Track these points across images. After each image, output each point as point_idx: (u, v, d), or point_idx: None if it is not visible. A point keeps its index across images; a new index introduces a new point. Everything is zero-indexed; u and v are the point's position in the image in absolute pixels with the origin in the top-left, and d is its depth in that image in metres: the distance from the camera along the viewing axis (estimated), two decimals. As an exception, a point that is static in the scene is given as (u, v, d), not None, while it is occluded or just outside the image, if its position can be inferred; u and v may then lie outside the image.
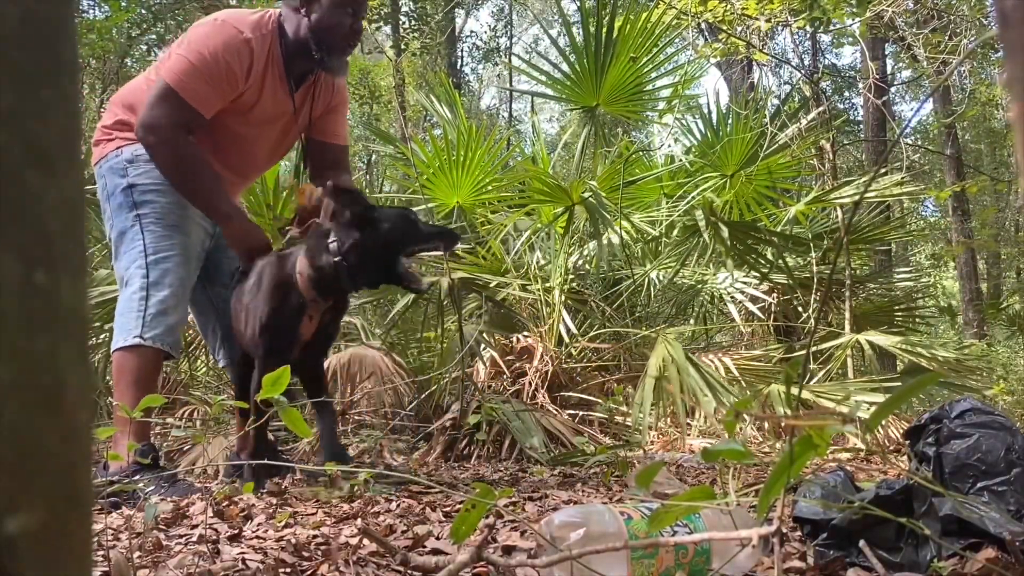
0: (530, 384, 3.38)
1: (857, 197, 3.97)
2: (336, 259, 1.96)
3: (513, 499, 1.77)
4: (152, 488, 1.86)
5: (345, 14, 2.16)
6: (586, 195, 3.69)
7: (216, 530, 1.38)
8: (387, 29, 11.14)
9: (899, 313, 4.73)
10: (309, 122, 2.34)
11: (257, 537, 1.36)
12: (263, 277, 2.07)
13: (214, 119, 2.13)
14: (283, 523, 1.48)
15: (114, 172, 2.13)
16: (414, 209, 4.06)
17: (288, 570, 1.14)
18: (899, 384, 3.65)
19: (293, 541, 1.28)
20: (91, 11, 8.47)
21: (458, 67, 12.81)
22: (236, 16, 2.18)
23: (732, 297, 4.20)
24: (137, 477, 1.90)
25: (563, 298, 3.67)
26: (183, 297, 2.14)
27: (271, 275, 2.05)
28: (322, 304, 2.07)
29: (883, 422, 3.22)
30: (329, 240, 1.99)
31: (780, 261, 4.20)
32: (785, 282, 4.39)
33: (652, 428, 3.46)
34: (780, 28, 5.50)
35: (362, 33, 2.28)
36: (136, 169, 2.12)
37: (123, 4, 7.38)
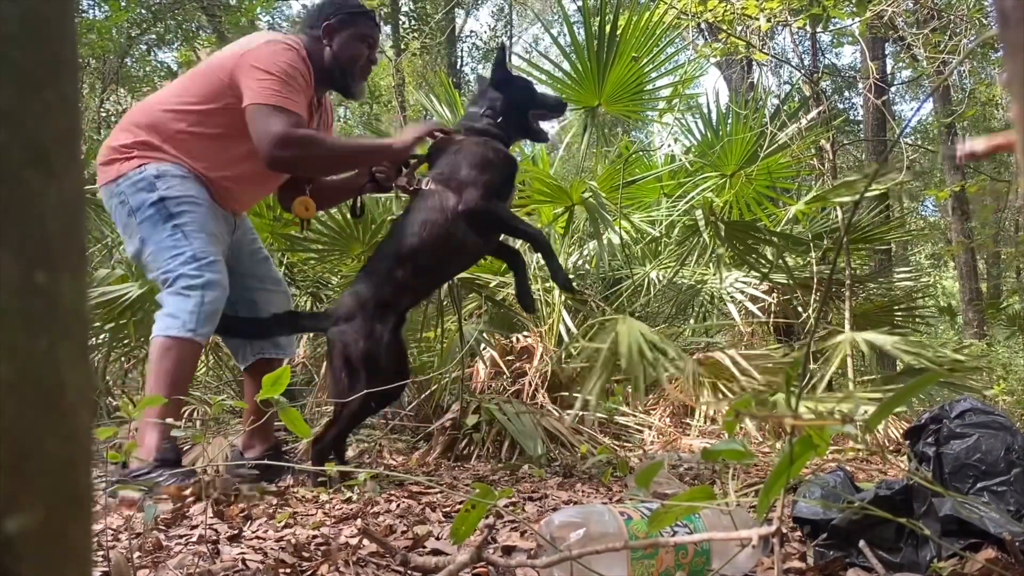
0: (530, 384, 3.38)
1: (856, 196, 3.97)
2: (491, 120, 2.36)
3: (513, 499, 1.77)
4: (163, 477, 1.88)
5: (364, 46, 2.37)
6: (586, 195, 3.69)
7: (216, 530, 1.38)
8: (387, 29, 11.13)
9: (899, 313, 4.73)
10: None
11: (257, 537, 1.36)
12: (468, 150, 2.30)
13: (233, 113, 2.19)
14: (283, 523, 1.48)
15: (138, 188, 2.15)
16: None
17: (288, 570, 1.14)
18: (899, 384, 3.65)
19: (293, 541, 1.28)
20: (91, 11, 8.46)
21: (458, 67, 12.80)
22: (282, 35, 2.32)
23: (732, 297, 4.20)
24: (155, 474, 1.91)
25: (563, 298, 3.67)
26: (224, 301, 2.18)
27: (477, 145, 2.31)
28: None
29: (883, 422, 3.22)
30: (479, 110, 2.40)
31: (780, 261, 4.20)
32: (785, 282, 4.39)
33: (651, 428, 3.46)
34: (780, 28, 5.50)
35: (377, 62, 2.49)
36: (165, 183, 2.16)
37: (123, 4, 7.38)
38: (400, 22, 10.62)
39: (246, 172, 2.28)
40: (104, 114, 8.70)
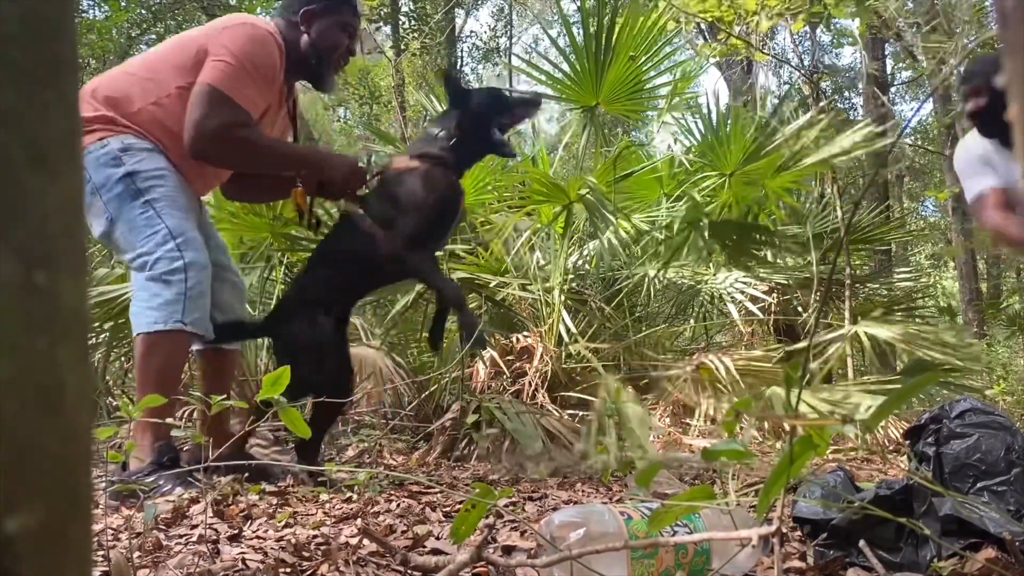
0: (530, 384, 3.38)
1: (857, 198, 3.96)
2: (449, 142, 2.20)
3: (513, 499, 1.77)
4: (169, 487, 1.84)
5: (343, 35, 2.28)
6: (583, 192, 3.69)
7: (216, 530, 1.38)
8: (387, 29, 11.14)
9: (899, 313, 4.73)
10: (287, 131, 2.43)
11: (257, 537, 1.36)
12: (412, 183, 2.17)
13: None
14: (283, 523, 1.48)
15: (102, 164, 2.05)
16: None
17: (288, 570, 1.14)
18: (899, 384, 3.65)
19: (293, 541, 1.28)
20: (91, 11, 8.47)
21: (458, 67, 12.80)
22: (261, 20, 2.23)
23: (732, 297, 4.20)
24: (154, 477, 1.86)
25: (563, 298, 3.67)
26: (209, 281, 2.10)
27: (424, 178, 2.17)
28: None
29: (883, 422, 3.23)
30: (436, 131, 2.24)
31: (777, 261, 4.19)
32: (785, 282, 4.39)
33: (651, 428, 3.46)
34: (780, 28, 5.50)
35: (355, 54, 2.40)
36: (132, 157, 2.06)
37: (123, 4, 7.38)
38: (400, 22, 10.62)
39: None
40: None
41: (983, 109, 2.52)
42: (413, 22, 10.70)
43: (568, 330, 3.61)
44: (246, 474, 1.82)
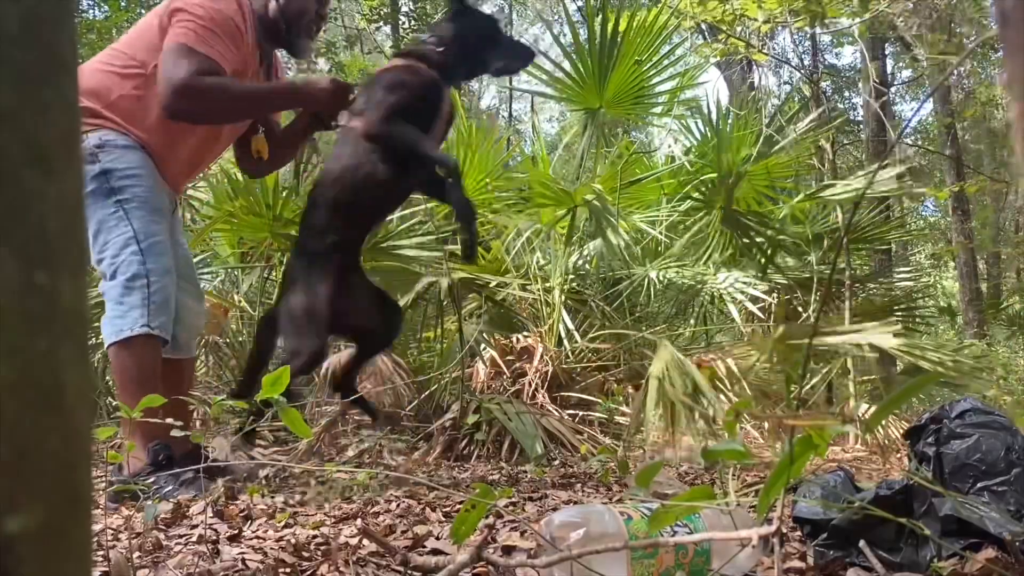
0: (530, 384, 3.38)
1: (851, 193, 3.97)
2: (440, 49, 2.14)
3: (513, 499, 1.77)
4: (169, 488, 1.84)
5: (313, 1, 2.25)
6: (590, 198, 3.69)
7: (216, 530, 1.38)
8: (387, 29, 11.13)
9: (899, 313, 4.73)
10: None
11: (257, 537, 1.36)
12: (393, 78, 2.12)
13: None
14: (283, 523, 1.48)
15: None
16: (413, 209, 4.07)
17: (288, 570, 1.14)
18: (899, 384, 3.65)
19: (293, 541, 1.28)
20: (91, 11, 8.47)
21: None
22: None
23: (732, 297, 4.20)
24: (152, 479, 1.85)
25: (563, 298, 3.66)
26: (174, 284, 2.08)
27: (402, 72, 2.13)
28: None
29: (883, 422, 3.22)
30: (426, 38, 2.20)
31: (778, 260, 4.20)
32: (785, 282, 4.39)
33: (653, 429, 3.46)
34: (780, 29, 5.51)
35: (327, 19, 2.38)
36: (108, 154, 2.03)
37: (123, 4, 7.38)
38: (400, 22, 10.62)
39: (190, 144, 2.18)
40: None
41: None
42: (413, 22, 10.69)
43: (568, 330, 3.61)
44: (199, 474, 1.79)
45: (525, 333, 3.65)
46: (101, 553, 1.08)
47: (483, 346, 3.59)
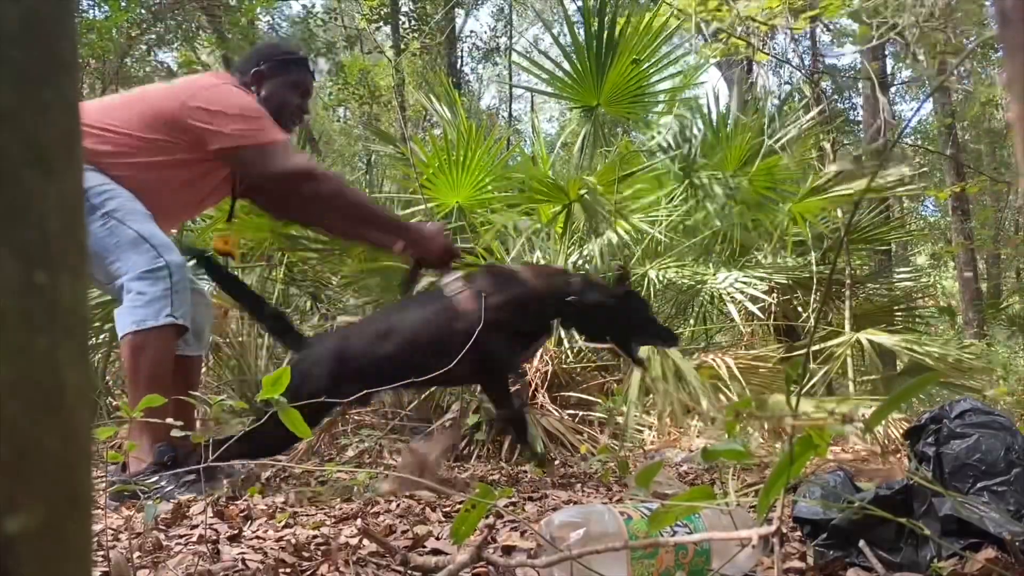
0: (530, 384, 3.38)
1: (857, 199, 3.97)
2: (588, 296, 2.21)
3: (513, 499, 1.77)
4: (170, 488, 1.83)
5: (295, 93, 2.33)
6: (583, 192, 3.69)
7: (216, 530, 1.38)
8: (387, 29, 11.13)
9: (899, 313, 4.73)
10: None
11: (257, 537, 1.36)
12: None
13: (178, 162, 2.14)
14: (283, 523, 1.48)
15: None
16: (413, 210, 4.07)
17: (288, 570, 1.14)
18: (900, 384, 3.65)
19: (293, 541, 1.28)
20: (91, 11, 8.47)
21: (458, 67, 12.80)
22: (224, 77, 2.31)
23: (732, 297, 4.20)
24: (155, 478, 1.85)
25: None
26: (188, 280, 2.10)
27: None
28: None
29: (883, 422, 3.22)
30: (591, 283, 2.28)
31: (778, 260, 4.20)
32: (785, 282, 4.39)
33: (651, 428, 3.46)
34: (780, 29, 5.51)
35: (309, 113, 2.45)
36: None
37: (123, 4, 7.38)
38: (400, 22, 10.62)
39: (162, 205, 2.18)
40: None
41: None
42: (413, 22, 10.69)
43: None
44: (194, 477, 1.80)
45: (525, 333, 3.65)
46: (101, 553, 1.08)
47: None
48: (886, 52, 9.75)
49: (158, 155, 2.11)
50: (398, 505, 1.71)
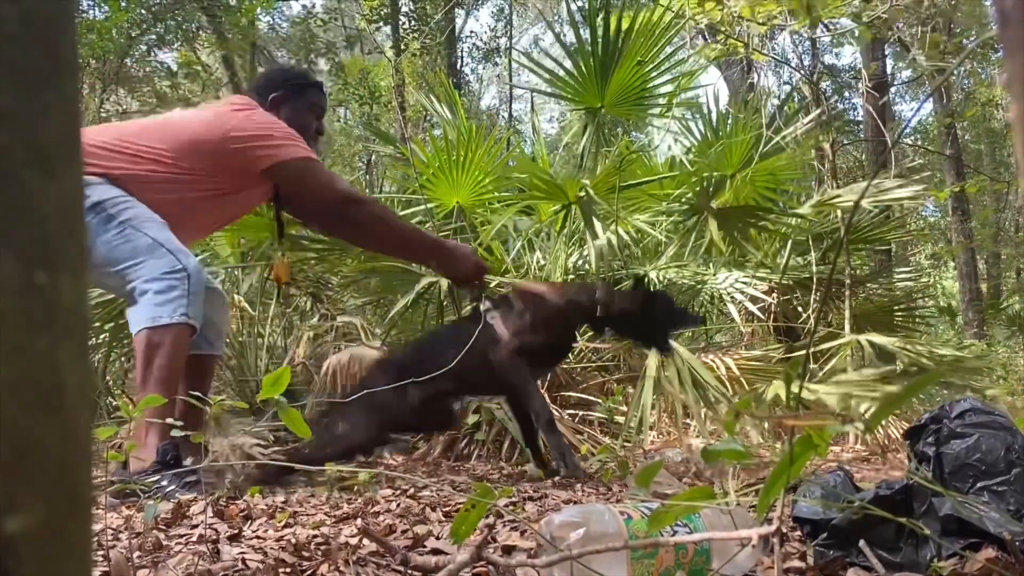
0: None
1: (857, 199, 3.97)
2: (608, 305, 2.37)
3: (513, 499, 1.77)
4: (172, 488, 1.84)
5: (310, 116, 2.42)
6: (581, 194, 3.69)
7: (216, 530, 1.38)
8: (387, 29, 11.13)
9: (899, 313, 4.73)
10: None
11: (257, 537, 1.36)
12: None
13: (206, 178, 2.21)
14: (283, 523, 1.48)
15: None
16: (413, 210, 4.06)
17: (288, 570, 1.14)
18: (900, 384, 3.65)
19: (293, 541, 1.28)
20: (91, 11, 8.47)
21: (458, 67, 12.79)
22: (248, 100, 2.37)
23: (732, 297, 4.20)
24: (156, 477, 1.86)
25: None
26: (204, 286, 2.12)
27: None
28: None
29: (883, 422, 3.22)
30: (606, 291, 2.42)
31: (778, 260, 4.20)
32: (785, 282, 4.39)
33: (652, 428, 3.46)
34: (780, 29, 5.51)
35: (323, 133, 2.55)
36: (94, 190, 2.04)
37: (123, 4, 7.38)
38: (400, 22, 10.62)
39: (183, 225, 2.21)
40: (104, 114, 8.70)
41: None
42: (413, 22, 10.69)
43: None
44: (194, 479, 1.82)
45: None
46: (101, 553, 1.08)
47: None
48: (886, 52, 9.75)
49: (188, 181, 2.18)
50: (398, 505, 1.71)
